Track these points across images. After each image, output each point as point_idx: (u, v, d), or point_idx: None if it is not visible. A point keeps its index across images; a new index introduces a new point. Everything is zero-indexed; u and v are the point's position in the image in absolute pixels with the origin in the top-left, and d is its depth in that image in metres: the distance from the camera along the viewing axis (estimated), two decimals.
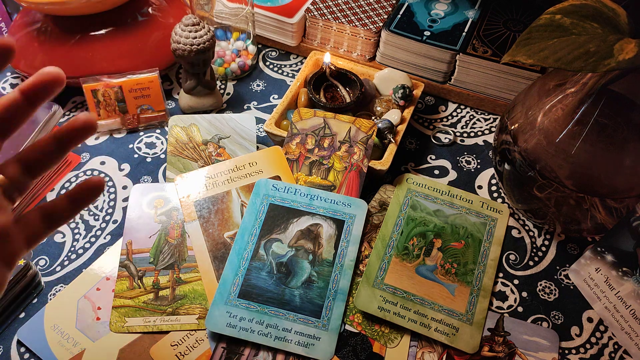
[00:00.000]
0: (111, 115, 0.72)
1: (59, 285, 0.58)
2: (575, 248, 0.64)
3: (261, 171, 0.66)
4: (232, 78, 0.82)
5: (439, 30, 0.77)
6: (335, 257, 0.59)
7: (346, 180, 0.64)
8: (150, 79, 0.71)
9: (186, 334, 0.55)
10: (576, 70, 0.46)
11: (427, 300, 0.57)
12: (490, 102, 0.77)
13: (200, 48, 0.68)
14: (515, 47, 0.50)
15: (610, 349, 0.56)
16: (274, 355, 0.53)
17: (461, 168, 0.71)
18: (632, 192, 0.54)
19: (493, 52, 0.74)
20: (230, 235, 0.61)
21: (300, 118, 0.67)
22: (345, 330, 0.55)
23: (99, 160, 0.70)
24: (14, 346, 0.54)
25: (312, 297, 0.56)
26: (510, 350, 0.55)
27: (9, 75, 0.81)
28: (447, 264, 0.60)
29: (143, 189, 0.65)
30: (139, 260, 0.59)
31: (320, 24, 0.80)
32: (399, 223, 0.63)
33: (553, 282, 0.61)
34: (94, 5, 0.68)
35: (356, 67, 0.76)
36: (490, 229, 0.63)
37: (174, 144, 0.69)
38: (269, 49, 0.87)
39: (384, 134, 0.66)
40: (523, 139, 0.57)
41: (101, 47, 0.72)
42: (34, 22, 0.75)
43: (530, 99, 0.59)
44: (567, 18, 0.49)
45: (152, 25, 0.75)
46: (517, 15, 0.80)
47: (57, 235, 0.63)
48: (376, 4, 0.82)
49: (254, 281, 0.57)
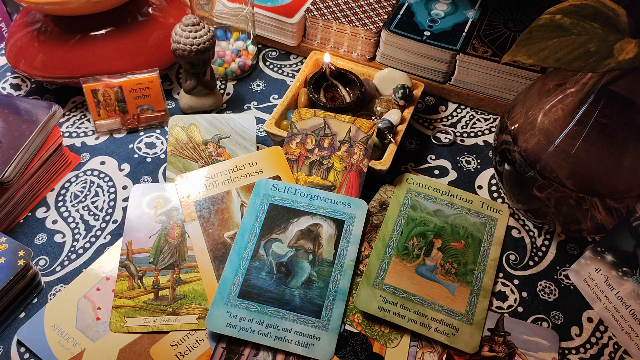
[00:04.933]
0: (111, 115, 0.72)
1: (59, 285, 0.58)
2: (575, 248, 0.64)
3: (261, 171, 0.66)
4: (232, 78, 0.82)
5: (439, 30, 0.77)
6: (335, 257, 0.59)
7: (346, 180, 0.64)
8: (150, 79, 0.71)
9: (186, 334, 0.55)
10: (576, 70, 0.46)
11: (427, 300, 0.57)
12: (490, 102, 0.77)
13: (200, 48, 0.68)
14: (515, 47, 0.49)
15: (610, 349, 0.56)
16: (274, 355, 0.53)
17: (461, 168, 0.71)
18: (632, 192, 0.54)
19: (493, 52, 0.74)
20: (230, 235, 0.61)
21: (300, 118, 0.67)
22: (345, 330, 0.55)
23: (99, 160, 0.70)
24: (14, 346, 0.54)
25: (312, 297, 0.56)
26: (510, 350, 0.55)
27: (9, 75, 0.81)
28: (447, 264, 0.60)
29: (143, 189, 0.65)
30: (139, 260, 0.59)
31: (320, 24, 0.80)
32: (399, 223, 0.63)
33: (553, 282, 0.61)
34: (94, 5, 0.68)
35: (356, 67, 0.76)
36: (490, 229, 0.63)
37: (174, 144, 0.69)
38: (269, 49, 0.87)
39: (384, 134, 0.66)
40: (523, 139, 0.57)
41: (101, 47, 0.72)
42: (34, 22, 0.75)
43: (530, 99, 0.59)
44: (567, 18, 0.49)
45: (152, 25, 0.75)
46: (517, 15, 0.80)
47: (57, 235, 0.63)
48: (376, 4, 0.82)
49: (254, 281, 0.57)
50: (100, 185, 0.68)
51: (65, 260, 0.61)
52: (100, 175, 0.69)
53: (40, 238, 0.62)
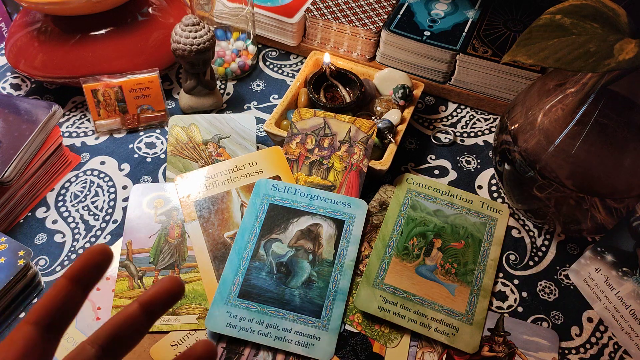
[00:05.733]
0: (111, 115, 0.72)
1: None
2: (575, 248, 0.64)
3: (261, 171, 0.66)
4: (232, 78, 0.82)
5: (439, 30, 0.77)
6: (335, 257, 0.59)
7: (346, 180, 0.64)
8: (150, 79, 0.71)
9: (186, 334, 0.55)
10: (576, 70, 0.46)
11: (427, 300, 0.57)
12: (490, 102, 0.77)
13: (200, 48, 0.68)
14: (515, 47, 0.49)
15: (610, 349, 0.56)
16: (274, 355, 0.53)
17: (461, 168, 0.71)
18: (632, 192, 0.54)
19: (493, 52, 0.74)
20: (230, 235, 0.61)
21: (300, 118, 0.67)
22: (345, 330, 0.55)
23: (99, 160, 0.70)
24: None
25: (312, 297, 0.56)
26: (510, 350, 0.55)
27: (9, 75, 0.81)
28: (447, 264, 0.60)
29: (143, 189, 0.65)
30: (139, 260, 0.59)
31: (320, 24, 0.80)
32: (399, 223, 0.63)
33: (553, 282, 0.61)
34: (94, 5, 0.68)
35: (356, 67, 0.76)
36: (490, 229, 0.63)
37: (174, 144, 0.69)
38: (269, 49, 0.87)
39: (384, 134, 0.66)
40: (523, 139, 0.57)
41: (101, 47, 0.72)
42: (34, 22, 0.75)
43: (530, 99, 0.59)
44: (567, 18, 0.49)
45: (152, 25, 0.75)
46: (517, 15, 0.80)
47: (57, 235, 0.63)
48: (376, 4, 0.82)
49: (254, 281, 0.57)
50: (100, 185, 0.68)
51: (65, 260, 0.61)
52: (100, 175, 0.69)
53: (40, 238, 0.62)
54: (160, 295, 0.29)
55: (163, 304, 0.29)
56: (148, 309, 0.29)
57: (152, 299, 0.29)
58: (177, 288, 0.29)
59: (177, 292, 0.29)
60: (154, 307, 0.29)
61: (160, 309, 0.29)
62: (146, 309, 0.29)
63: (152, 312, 0.29)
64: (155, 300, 0.29)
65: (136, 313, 0.29)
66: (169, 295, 0.29)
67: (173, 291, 0.29)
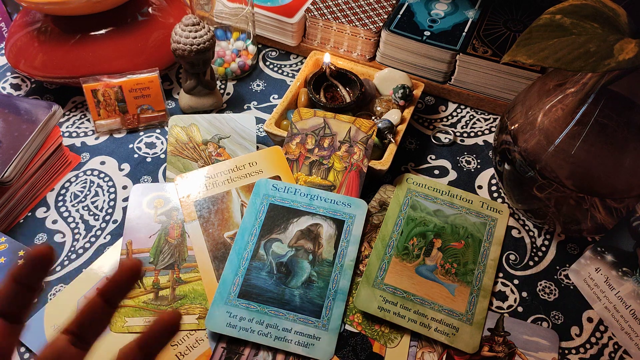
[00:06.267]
0: (111, 115, 0.72)
1: (59, 285, 0.58)
2: (575, 248, 0.64)
3: (261, 171, 0.66)
4: (232, 78, 0.82)
5: (439, 30, 0.77)
6: (335, 257, 0.59)
7: (346, 180, 0.64)
8: (150, 79, 0.71)
9: (186, 334, 0.55)
10: (576, 70, 0.46)
11: (427, 300, 0.57)
12: (490, 102, 0.77)
13: (200, 48, 0.68)
14: (515, 47, 0.49)
15: (610, 349, 0.56)
16: (274, 355, 0.53)
17: (461, 168, 0.71)
18: (632, 192, 0.54)
19: (493, 52, 0.74)
20: (230, 235, 0.61)
21: (300, 118, 0.67)
22: (345, 330, 0.55)
23: (99, 160, 0.70)
24: None
25: (312, 297, 0.56)
26: (510, 350, 0.55)
27: (9, 75, 0.81)
28: (447, 264, 0.60)
29: (143, 189, 0.65)
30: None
31: (320, 24, 0.80)
32: (399, 223, 0.63)
33: (553, 282, 0.61)
34: (94, 5, 0.68)
35: (356, 67, 0.76)
36: (490, 229, 0.63)
37: (174, 144, 0.69)
38: (269, 49, 0.87)
39: (384, 134, 0.66)
40: (523, 139, 0.57)
41: (101, 47, 0.72)
42: (34, 22, 0.75)
43: (530, 99, 0.59)
44: (567, 18, 0.49)
45: (152, 25, 0.75)
46: (517, 15, 0.80)
47: (57, 235, 0.63)
48: (376, 4, 0.82)
49: (254, 281, 0.57)
50: (100, 185, 0.68)
51: (65, 260, 0.61)
52: (100, 175, 0.69)
53: (40, 238, 0.62)
54: (117, 280, 0.31)
55: (121, 289, 0.31)
56: (106, 296, 0.31)
57: (108, 287, 0.31)
58: (136, 269, 0.31)
59: (136, 273, 0.31)
60: (111, 294, 0.31)
61: (119, 294, 0.31)
62: (104, 296, 0.31)
63: (110, 299, 0.31)
64: (110, 287, 0.31)
65: (97, 300, 0.31)
66: (128, 278, 0.31)
67: (132, 272, 0.31)
